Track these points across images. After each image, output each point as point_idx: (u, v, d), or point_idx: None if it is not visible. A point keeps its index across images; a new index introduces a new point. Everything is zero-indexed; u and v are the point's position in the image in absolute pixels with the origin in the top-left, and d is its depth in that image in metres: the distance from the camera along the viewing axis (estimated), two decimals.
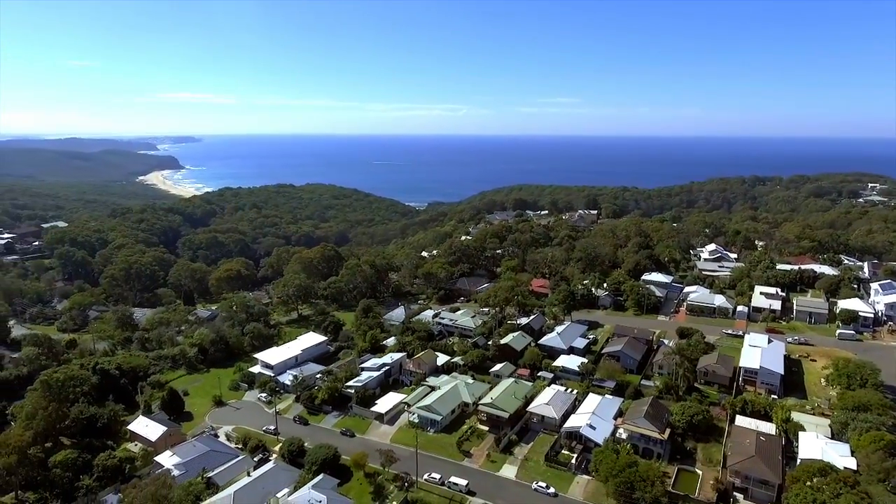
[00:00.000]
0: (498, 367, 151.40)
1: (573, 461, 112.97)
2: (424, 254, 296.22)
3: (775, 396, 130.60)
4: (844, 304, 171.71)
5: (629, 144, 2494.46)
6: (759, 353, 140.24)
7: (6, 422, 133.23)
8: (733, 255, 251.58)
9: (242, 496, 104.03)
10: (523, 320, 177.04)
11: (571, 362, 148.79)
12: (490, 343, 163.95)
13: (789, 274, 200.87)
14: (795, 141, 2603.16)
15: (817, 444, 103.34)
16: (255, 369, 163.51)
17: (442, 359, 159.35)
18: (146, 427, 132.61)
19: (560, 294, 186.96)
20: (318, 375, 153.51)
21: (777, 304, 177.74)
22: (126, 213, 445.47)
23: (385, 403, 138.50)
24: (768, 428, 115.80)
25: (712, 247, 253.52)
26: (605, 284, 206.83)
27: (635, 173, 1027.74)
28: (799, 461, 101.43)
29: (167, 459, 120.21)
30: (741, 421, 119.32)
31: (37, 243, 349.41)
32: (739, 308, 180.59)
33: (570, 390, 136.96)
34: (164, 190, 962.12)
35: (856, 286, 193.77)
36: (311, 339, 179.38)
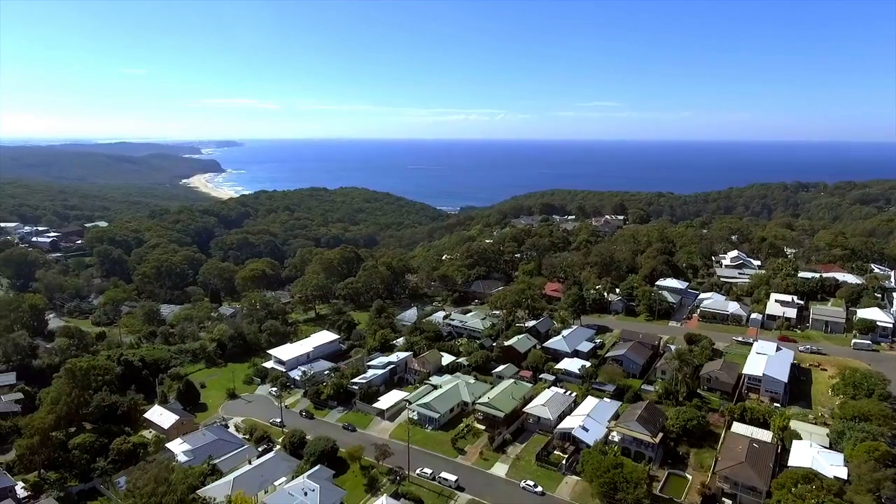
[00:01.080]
0: (501, 368, 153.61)
1: (563, 462, 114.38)
2: (446, 256, 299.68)
3: (778, 405, 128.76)
4: (863, 313, 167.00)
5: (670, 149, 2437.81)
6: (764, 360, 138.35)
7: (35, 407, 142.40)
8: (756, 263, 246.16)
9: (242, 482, 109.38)
10: (531, 323, 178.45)
11: (573, 365, 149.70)
12: (495, 344, 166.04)
13: (810, 282, 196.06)
14: (852, 146, 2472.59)
15: (809, 453, 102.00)
16: (269, 365, 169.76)
17: (447, 359, 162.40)
18: (160, 415, 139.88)
19: (570, 298, 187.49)
20: (325, 372, 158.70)
21: (792, 312, 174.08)
22: (163, 213, 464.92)
23: (387, 400, 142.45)
24: (765, 436, 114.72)
25: (734, 253, 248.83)
26: (617, 290, 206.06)
27: (675, 179, 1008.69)
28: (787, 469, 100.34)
29: (177, 446, 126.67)
30: (738, 428, 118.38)
31: (79, 242, 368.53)
32: (753, 315, 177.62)
33: (569, 392, 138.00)
34: (206, 192, 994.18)
35: (879, 295, 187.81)
36: (324, 336, 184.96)
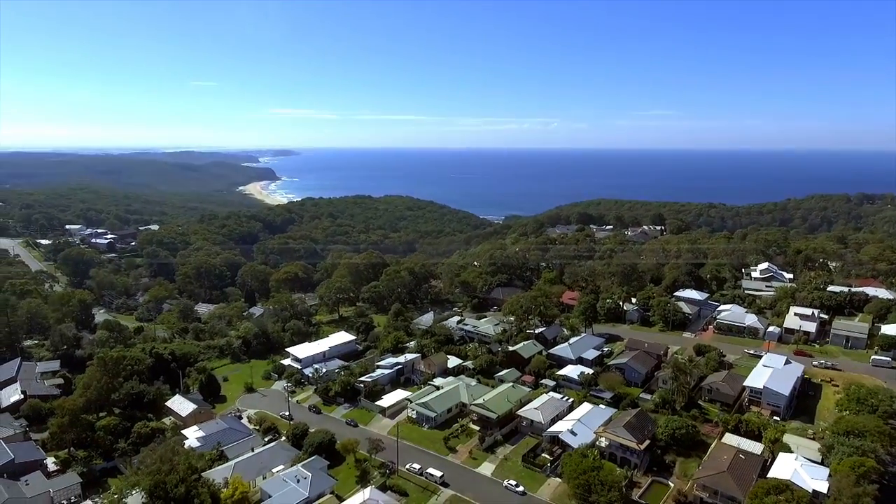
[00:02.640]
0: (504, 372, 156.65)
1: (548, 464, 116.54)
2: (476, 263, 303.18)
3: (777, 418, 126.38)
4: (886, 329, 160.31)
5: (731, 158, 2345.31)
6: (768, 373, 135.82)
7: (72, 391, 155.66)
8: (788, 276, 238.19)
9: (242, 467, 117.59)
10: (540, 329, 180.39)
11: (574, 372, 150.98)
12: (500, 349, 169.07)
13: (837, 296, 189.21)
14: None
15: (792, 465, 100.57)
16: (286, 362, 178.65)
17: (454, 361, 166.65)
18: (180, 404, 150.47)
19: (581, 306, 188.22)
20: (336, 370, 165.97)
21: (811, 326, 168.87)
22: (212, 218, 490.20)
23: (390, 399, 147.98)
24: (756, 448, 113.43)
25: (764, 265, 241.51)
26: (633, 299, 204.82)
27: (731, 189, 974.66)
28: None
29: (192, 433, 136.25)
30: (729, 439, 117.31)
31: (133, 243, 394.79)
32: (770, 329, 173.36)
33: (566, 398, 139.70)
34: (259, 199, 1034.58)
35: None
36: (341, 337, 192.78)
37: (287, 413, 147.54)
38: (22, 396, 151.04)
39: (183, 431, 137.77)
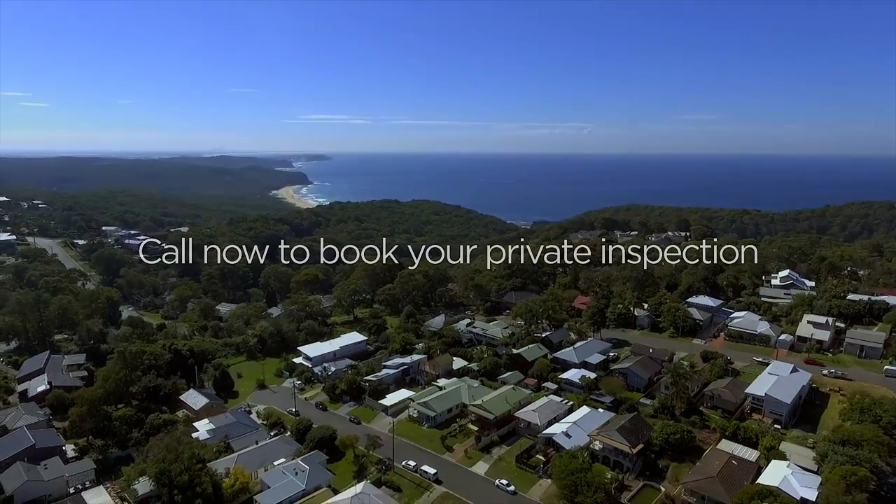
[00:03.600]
0: (507, 374, 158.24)
1: (541, 465, 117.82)
2: (489, 267, 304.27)
3: (778, 426, 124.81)
4: None
5: (772, 164, 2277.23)
6: (772, 381, 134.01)
7: (93, 383, 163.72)
8: (810, 283, 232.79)
9: (245, 458, 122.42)
10: (546, 333, 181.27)
11: (576, 375, 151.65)
12: (504, 352, 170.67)
13: (856, 304, 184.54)
14: None
15: (782, 472, 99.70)
16: (298, 360, 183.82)
17: (459, 363, 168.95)
18: (193, 398, 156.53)
19: (589, 311, 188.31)
20: (344, 369, 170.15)
21: (824, 335, 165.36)
22: (240, 221, 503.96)
23: (393, 398, 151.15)
24: (752, 455, 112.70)
25: (784, 273, 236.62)
26: (645, 305, 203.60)
27: (770, 195, 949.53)
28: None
29: (202, 425, 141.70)
30: (725, 445, 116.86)
31: (163, 245, 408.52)
32: (782, 336, 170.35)
33: (565, 401, 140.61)
34: (291, 203, 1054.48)
35: None
36: (352, 337, 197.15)
37: (293, 409, 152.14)
38: (48, 387, 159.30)
39: (195, 424, 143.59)
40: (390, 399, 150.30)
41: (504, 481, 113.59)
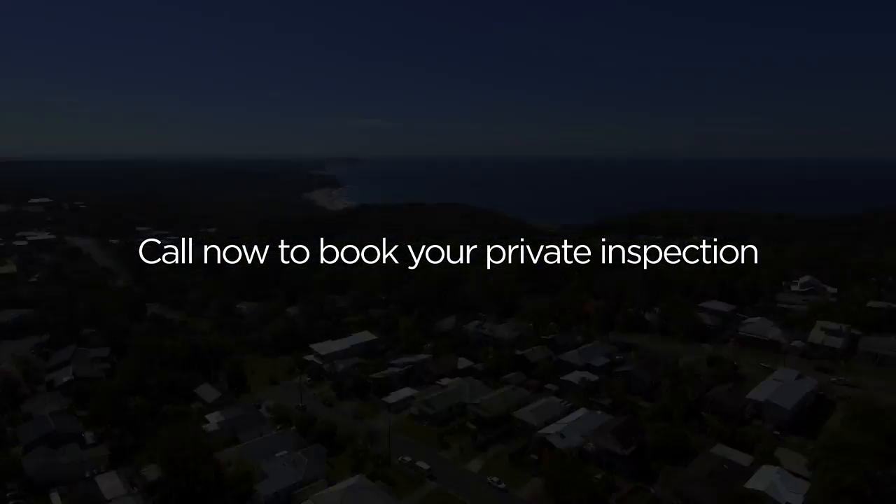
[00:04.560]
0: (510, 375, 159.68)
1: (534, 464, 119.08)
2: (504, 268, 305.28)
3: (778, 432, 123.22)
4: None
5: (820, 167, 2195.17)
6: (775, 387, 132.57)
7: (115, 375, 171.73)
8: (833, 290, 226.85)
9: (248, 450, 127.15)
10: (553, 335, 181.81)
11: (577, 377, 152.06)
12: (507, 352, 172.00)
13: (875, 312, 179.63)
14: None
15: (770, 478, 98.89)
16: (310, 357, 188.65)
17: (464, 363, 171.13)
18: (206, 392, 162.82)
19: (598, 314, 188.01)
20: (352, 367, 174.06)
21: (837, 342, 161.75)
22: (270, 222, 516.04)
23: (396, 395, 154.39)
24: (745, 459, 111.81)
25: (806, 278, 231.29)
26: (656, 309, 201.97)
27: (818, 199, 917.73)
28: None
29: (213, 417, 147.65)
30: (719, 449, 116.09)
31: (192, 245, 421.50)
32: (794, 343, 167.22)
33: (564, 402, 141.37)
34: (322, 205, 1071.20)
35: None
36: (363, 336, 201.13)
37: (301, 404, 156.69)
38: (73, 378, 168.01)
39: (206, 416, 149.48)
40: (394, 396, 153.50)
41: (495, 479, 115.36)
